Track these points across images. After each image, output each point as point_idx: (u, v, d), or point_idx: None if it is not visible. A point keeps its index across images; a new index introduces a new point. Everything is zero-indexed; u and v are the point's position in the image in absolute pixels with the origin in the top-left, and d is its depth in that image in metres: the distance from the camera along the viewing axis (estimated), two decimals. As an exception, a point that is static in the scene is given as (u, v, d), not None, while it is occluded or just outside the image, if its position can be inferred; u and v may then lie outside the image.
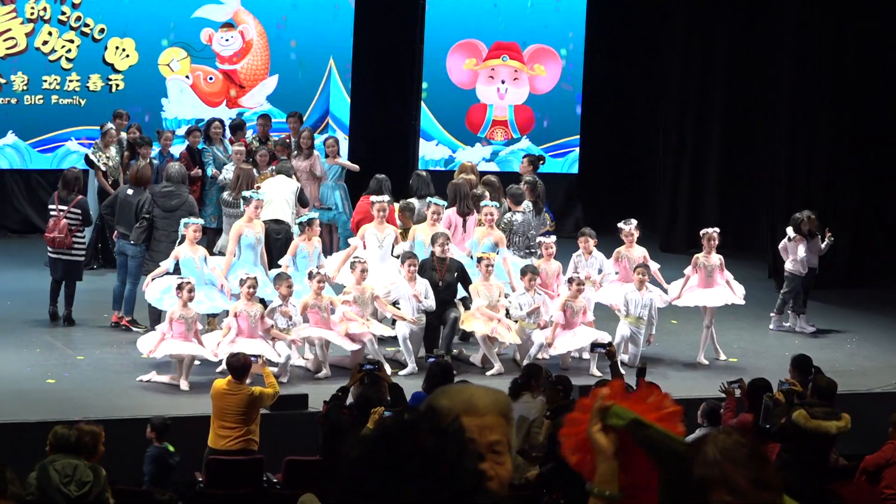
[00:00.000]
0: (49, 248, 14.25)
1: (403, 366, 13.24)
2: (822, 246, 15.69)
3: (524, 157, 16.90)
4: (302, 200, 15.41)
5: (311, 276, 13.04)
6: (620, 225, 14.47)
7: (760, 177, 20.10)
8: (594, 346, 12.58)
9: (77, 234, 14.26)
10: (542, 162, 16.87)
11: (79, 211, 14.24)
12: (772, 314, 15.81)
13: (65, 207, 14.22)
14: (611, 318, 14.02)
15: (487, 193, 14.81)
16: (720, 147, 20.59)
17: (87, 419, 9.56)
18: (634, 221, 14.45)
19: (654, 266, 14.37)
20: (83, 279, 14.38)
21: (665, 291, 14.33)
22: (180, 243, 13.34)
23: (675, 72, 20.64)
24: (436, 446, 2.11)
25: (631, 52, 21.64)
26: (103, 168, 16.61)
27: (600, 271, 14.34)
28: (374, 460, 2.12)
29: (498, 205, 14.51)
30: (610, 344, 11.89)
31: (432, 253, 13.57)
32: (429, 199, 14.53)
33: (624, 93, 21.83)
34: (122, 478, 9.60)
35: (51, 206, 14.38)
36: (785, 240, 15.71)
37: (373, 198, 14.47)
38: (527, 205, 14.87)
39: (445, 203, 14.45)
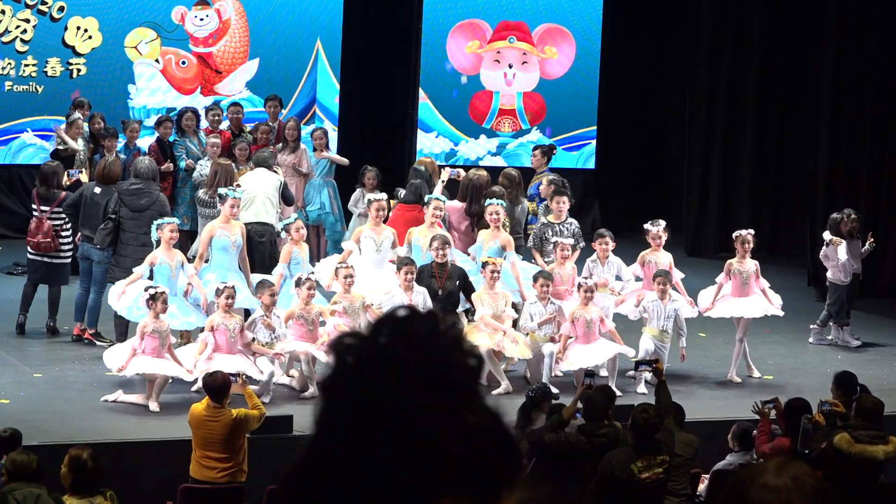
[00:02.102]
0: (30, 251, 14.35)
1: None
2: (863, 250, 15.71)
3: (535, 149, 16.90)
4: (286, 197, 15.41)
5: (299, 282, 13.06)
6: (647, 226, 14.49)
7: (799, 172, 20.15)
8: (638, 364, 12.42)
9: (63, 235, 14.35)
10: (554, 152, 16.96)
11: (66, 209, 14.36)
12: (812, 326, 15.84)
13: (47, 208, 14.32)
14: (631, 330, 14.04)
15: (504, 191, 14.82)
16: (754, 139, 20.62)
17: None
18: (663, 223, 14.47)
19: (678, 275, 14.36)
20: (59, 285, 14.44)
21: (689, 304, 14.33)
22: (158, 246, 13.34)
23: (704, 54, 20.67)
24: (428, 336, 2.20)
25: (654, 31, 21.69)
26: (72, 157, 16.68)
27: (618, 278, 14.34)
28: (362, 347, 2.21)
29: (505, 203, 14.48)
30: (657, 361, 11.74)
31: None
32: (427, 196, 14.57)
33: (646, 78, 21.87)
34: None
35: (33, 207, 14.53)
36: (824, 246, 15.72)
37: (370, 195, 14.58)
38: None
39: (446, 200, 14.47)
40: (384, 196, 14.36)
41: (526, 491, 2.22)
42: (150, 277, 13.18)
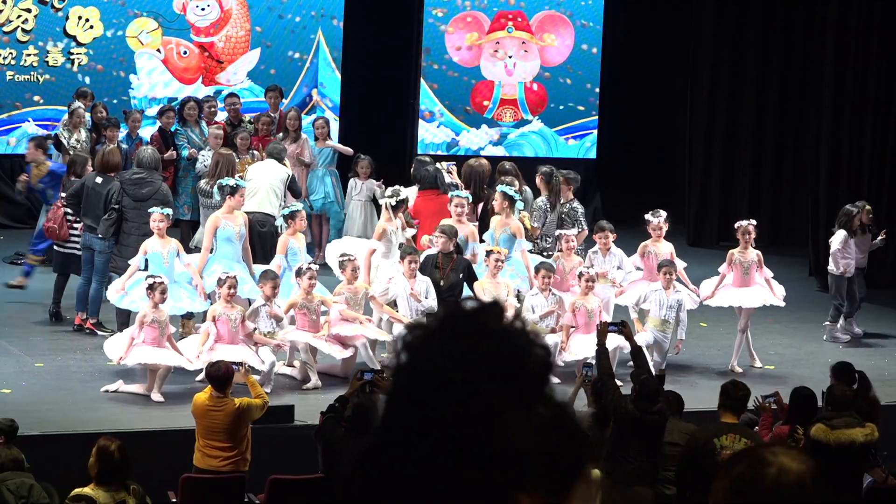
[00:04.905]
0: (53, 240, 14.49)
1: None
2: (873, 243, 15.60)
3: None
4: (293, 190, 15.42)
5: (299, 272, 13.05)
6: (648, 217, 14.47)
7: (801, 161, 20.12)
8: (608, 325, 11.52)
9: (75, 227, 14.36)
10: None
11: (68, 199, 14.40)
12: (825, 324, 15.61)
13: (63, 194, 14.36)
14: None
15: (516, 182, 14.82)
16: (756, 128, 20.59)
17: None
18: (664, 213, 14.44)
19: (681, 265, 14.35)
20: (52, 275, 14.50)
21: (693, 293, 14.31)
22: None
23: (707, 43, 20.62)
24: (503, 330, 2.16)
25: (656, 19, 21.63)
26: (72, 153, 16.64)
27: (619, 269, 14.32)
28: (438, 339, 2.15)
29: (516, 194, 14.45)
30: (623, 323, 11.44)
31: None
32: (452, 192, 14.52)
33: (648, 66, 21.83)
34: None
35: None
36: (838, 243, 15.39)
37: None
38: (543, 200, 14.90)
39: (470, 196, 14.40)
40: (408, 194, 14.22)
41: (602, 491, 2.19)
42: (146, 267, 13.20)
